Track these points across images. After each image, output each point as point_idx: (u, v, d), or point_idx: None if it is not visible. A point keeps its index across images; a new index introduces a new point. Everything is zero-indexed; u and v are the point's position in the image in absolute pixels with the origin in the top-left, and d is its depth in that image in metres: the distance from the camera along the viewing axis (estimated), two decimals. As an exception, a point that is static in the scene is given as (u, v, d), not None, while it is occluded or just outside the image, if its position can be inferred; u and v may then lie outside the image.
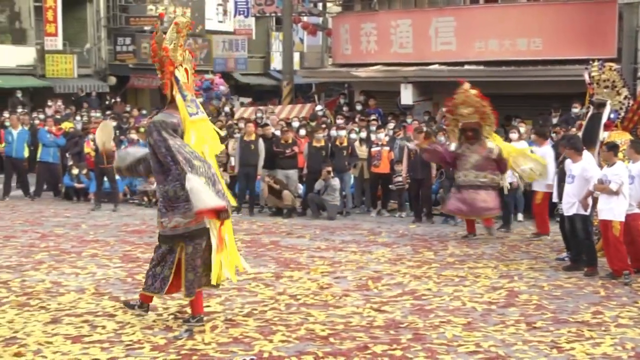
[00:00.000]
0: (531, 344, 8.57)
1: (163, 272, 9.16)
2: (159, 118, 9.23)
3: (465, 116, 14.69)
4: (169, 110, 9.24)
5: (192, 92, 9.45)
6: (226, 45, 42.86)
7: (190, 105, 9.21)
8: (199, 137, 9.18)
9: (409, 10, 24.02)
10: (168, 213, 9.09)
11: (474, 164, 14.56)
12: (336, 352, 8.27)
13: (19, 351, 8.31)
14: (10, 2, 34.29)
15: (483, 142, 14.66)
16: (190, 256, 9.05)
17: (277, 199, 17.73)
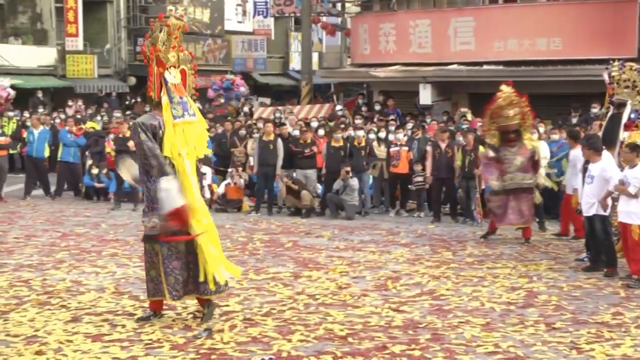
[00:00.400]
0: (550, 344, 8.52)
1: (159, 276, 9.22)
2: (141, 120, 9.33)
3: (510, 118, 14.27)
4: (155, 111, 9.32)
5: (184, 93, 9.41)
6: (245, 45, 42.97)
7: (176, 108, 9.19)
8: (180, 140, 9.16)
9: (427, 10, 23.98)
10: (149, 213, 9.19)
11: (519, 166, 14.21)
12: (355, 352, 8.25)
13: (40, 349, 8.35)
14: (31, 4, 34.53)
15: (523, 143, 14.39)
16: (166, 258, 9.10)
17: (295, 199, 17.74)
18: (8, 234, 15.13)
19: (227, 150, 19.93)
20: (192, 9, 39.31)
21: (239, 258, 13.06)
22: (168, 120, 9.12)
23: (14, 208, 18.62)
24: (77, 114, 26.01)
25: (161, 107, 9.19)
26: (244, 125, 21.02)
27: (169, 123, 9.11)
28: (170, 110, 9.14)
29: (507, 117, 14.29)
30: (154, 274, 9.24)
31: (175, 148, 9.09)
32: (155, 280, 9.24)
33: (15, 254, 13.32)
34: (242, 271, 9.88)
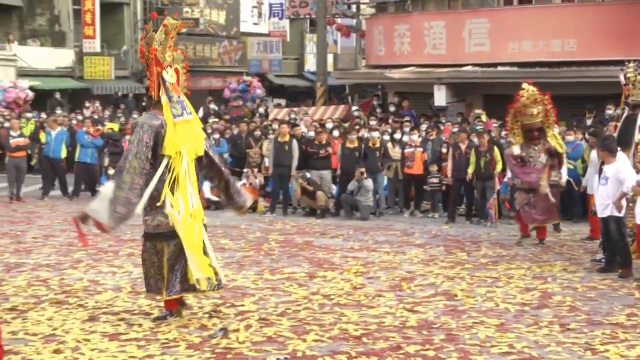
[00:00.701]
0: (565, 345, 8.49)
1: (157, 274, 9.30)
2: (143, 119, 9.39)
3: (534, 116, 14.14)
4: (155, 111, 9.35)
5: (179, 92, 9.48)
6: (261, 46, 43.04)
7: (176, 107, 9.26)
8: (181, 138, 9.21)
9: (442, 12, 23.93)
10: (152, 212, 9.22)
11: (545, 163, 14.12)
12: (369, 351, 8.25)
13: (57, 348, 8.39)
14: (50, 6, 34.72)
15: (547, 141, 14.27)
16: (171, 255, 9.17)
17: (310, 199, 17.75)
18: (26, 234, 15.22)
19: (243, 151, 19.97)
20: (208, 11, 39.41)
21: (254, 258, 13.09)
22: (169, 119, 9.18)
23: (33, 208, 18.72)
24: (94, 115, 26.13)
25: (161, 107, 9.26)
26: (259, 126, 21.04)
27: (169, 122, 9.18)
28: (170, 109, 9.21)
29: (531, 115, 14.16)
30: (153, 272, 9.31)
31: (176, 146, 9.15)
32: (155, 277, 9.32)
33: (34, 253, 13.39)
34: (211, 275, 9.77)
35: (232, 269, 12.25)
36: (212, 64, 40.50)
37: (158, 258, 9.29)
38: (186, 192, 9.20)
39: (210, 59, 40.27)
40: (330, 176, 18.16)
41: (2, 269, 12.07)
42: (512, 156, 14.42)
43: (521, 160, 14.27)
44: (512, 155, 14.42)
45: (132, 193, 9.00)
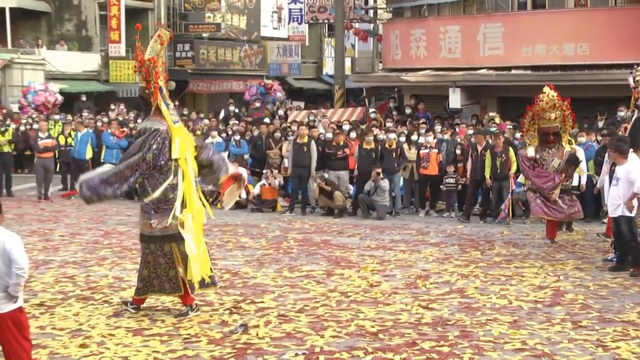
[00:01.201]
0: (577, 342, 8.45)
1: (168, 273, 9.33)
2: (149, 125, 9.41)
3: (552, 120, 14.01)
4: (155, 117, 9.41)
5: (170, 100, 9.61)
6: (280, 50, 43.10)
7: (173, 114, 9.42)
8: (183, 144, 9.30)
9: (457, 17, 23.87)
10: (157, 215, 9.27)
11: (556, 168, 13.96)
12: (385, 347, 8.25)
13: (84, 342, 8.44)
14: (77, 12, 34.93)
15: (562, 145, 14.15)
16: (182, 254, 9.25)
17: (328, 199, 17.76)
18: (54, 232, 15.31)
19: (263, 152, 20.01)
20: (229, 16, 39.48)
21: (274, 256, 13.11)
22: (171, 125, 9.30)
23: (60, 207, 18.83)
24: (119, 117, 26.24)
25: (160, 113, 9.35)
26: (279, 128, 21.06)
27: (172, 128, 9.30)
28: (170, 116, 9.34)
29: (549, 120, 14.04)
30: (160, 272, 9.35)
31: (184, 150, 9.27)
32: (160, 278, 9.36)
33: (61, 251, 13.47)
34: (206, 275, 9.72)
35: (252, 266, 12.28)
36: (233, 67, 40.58)
37: (166, 260, 9.33)
38: (194, 194, 9.33)
39: (231, 62, 40.35)
40: (347, 176, 18.15)
41: (31, 266, 12.11)
42: (526, 158, 14.30)
43: (534, 162, 14.18)
44: (526, 157, 14.30)
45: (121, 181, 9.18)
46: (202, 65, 38.23)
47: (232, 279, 11.42)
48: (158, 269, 9.34)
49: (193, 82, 38.36)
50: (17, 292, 6.70)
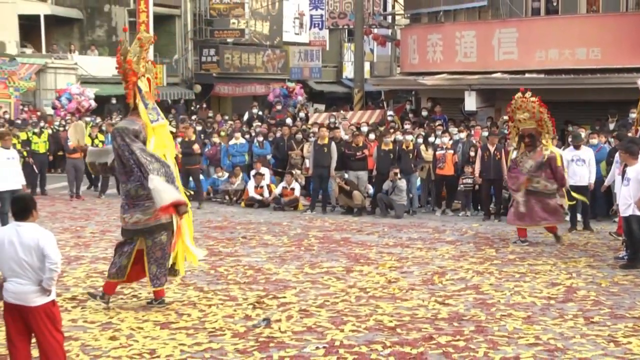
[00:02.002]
0: (589, 337, 8.40)
1: (121, 261, 9.44)
2: (123, 125, 9.56)
3: (522, 122, 13.99)
4: (132, 117, 9.54)
5: (153, 100, 9.66)
6: (302, 55, 43.09)
7: (152, 113, 9.47)
8: (159, 142, 9.39)
9: (473, 22, 23.77)
10: (130, 210, 9.38)
11: (528, 169, 13.82)
12: (403, 341, 8.23)
13: (113, 335, 8.48)
14: (108, 18, 35.10)
15: (540, 149, 13.97)
16: (150, 249, 9.33)
17: (348, 198, 17.74)
18: (85, 229, 15.40)
19: (285, 153, 20.01)
20: (253, 22, 39.52)
21: (295, 253, 13.11)
22: (147, 124, 9.37)
23: (91, 205, 18.93)
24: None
25: (137, 113, 9.45)
26: (300, 129, 21.07)
27: (149, 126, 9.36)
28: (147, 115, 9.39)
29: (519, 121, 14.05)
30: (117, 259, 9.48)
31: (162, 148, 9.36)
32: (116, 265, 9.48)
33: (92, 247, 13.55)
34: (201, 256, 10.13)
35: (274, 263, 12.29)
36: (256, 71, 40.63)
37: (129, 250, 9.44)
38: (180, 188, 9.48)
39: (254, 66, 40.39)
40: (366, 176, 18.13)
41: (63, 262, 12.14)
42: (510, 159, 14.50)
43: (514, 164, 14.16)
44: (510, 159, 14.51)
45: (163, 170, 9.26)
46: (226, 69, 38.29)
47: (255, 275, 11.43)
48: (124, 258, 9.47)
49: (218, 86, 38.43)
50: (50, 286, 6.75)
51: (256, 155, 20.14)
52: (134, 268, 9.50)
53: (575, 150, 15.28)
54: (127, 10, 34.88)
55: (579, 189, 14.99)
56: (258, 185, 19.00)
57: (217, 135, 21.30)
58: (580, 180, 15.06)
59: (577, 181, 15.03)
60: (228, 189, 19.51)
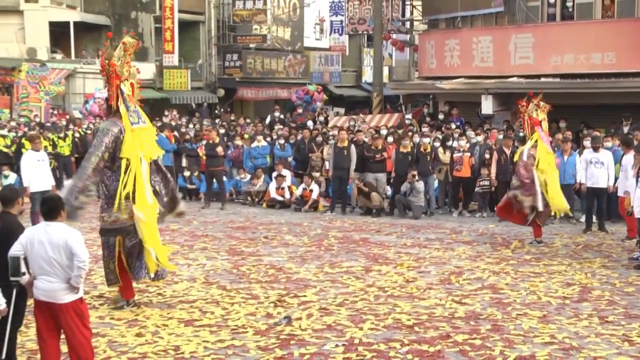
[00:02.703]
0: (603, 336, 8.35)
1: (109, 266, 9.51)
2: (104, 125, 9.64)
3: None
4: (114, 118, 9.59)
5: (135, 103, 9.71)
6: (322, 60, 43.11)
7: (132, 115, 9.52)
8: (137, 144, 9.42)
9: (489, 28, 23.65)
10: (108, 209, 9.40)
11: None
12: (420, 340, 8.21)
13: (139, 332, 8.52)
14: (134, 25, 35.28)
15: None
16: (128, 248, 9.38)
17: (367, 199, 17.71)
18: (112, 229, 15.44)
19: (306, 155, 20.02)
20: (275, 28, 39.60)
21: (316, 253, 13.11)
22: (127, 126, 9.43)
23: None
24: (172, 122, 26.42)
25: (119, 115, 9.52)
26: (320, 132, 21.07)
27: (128, 129, 9.42)
28: (128, 117, 9.45)
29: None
30: (112, 266, 9.49)
31: (135, 150, 9.37)
32: (114, 272, 9.49)
33: (118, 246, 13.58)
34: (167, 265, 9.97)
35: (295, 262, 12.29)
36: (278, 76, 40.68)
37: (108, 252, 9.46)
38: (145, 190, 9.41)
39: (276, 71, 40.44)
40: (385, 178, 18.09)
41: (91, 260, 12.22)
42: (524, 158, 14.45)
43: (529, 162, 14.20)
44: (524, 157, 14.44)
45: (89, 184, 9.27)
46: (249, 74, 38.38)
47: (276, 274, 11.44)
48: (111, 262, 9.50)
49: (241, 90, 38.52)
50: (79, 283, 6.79)
51: (277, 157, 20.16)
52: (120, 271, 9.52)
53: (594, 153, 15.14)
54: (153, 17, 35.06)
55: (597, 191, 14.90)
56: (279, 186, 19.03)
57: (240, 138, 21.35)
58: (597, 182, 14.93)
59: (595, 183, 14.92)
60: (250, 190, 19.55)
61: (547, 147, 13.87)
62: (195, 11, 37.05)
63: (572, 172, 16.08)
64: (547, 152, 13.80)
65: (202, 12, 37.72)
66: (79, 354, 6.85)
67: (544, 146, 13.77)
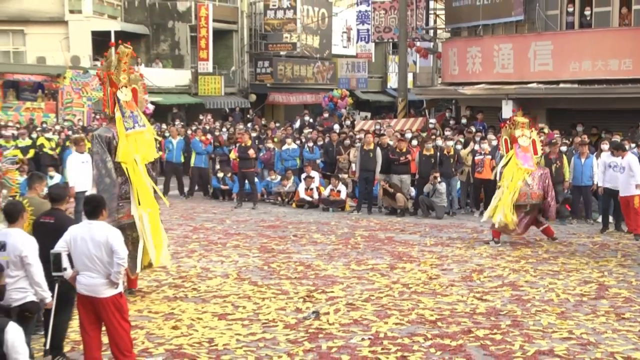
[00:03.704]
0: (620, 332, 8.26)
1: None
2: (98, 132, 9.78)
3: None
4: (109, 125, 9.76)
5: (134, 108, 9.77)
6: (349, 66, 43.08)
7: (127, 121, 9.60)
8: (133, 148, 9.53)
9: (510, 36, 23.49)
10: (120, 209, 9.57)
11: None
12: (443, 334, 8.18)
13: (175, 325, 8.57)
14: (171, 34, 35.52)
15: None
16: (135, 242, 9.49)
17: (391, 200, 17.67)
18: (149, 227, 15.54)
19: (333, 158, 20.02)
20: (304, 36, 39.60)
21: (343, 251, 13.11)
22: (121, 131, 9.52)
23: (155, 205, 19.09)
24: (207, 126, 26.54)
25: (114, 121, 9.61)
26: (347, 136, 21.05)
27: (122, 134, 9.52)
28: (123, 123, 9.55)
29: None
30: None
31: (128, 154, 9.49)
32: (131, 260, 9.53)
33: (155, 244, 13.67)
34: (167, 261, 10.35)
35: (323, 260, 12.30)
36: (307, 82, 40.71)
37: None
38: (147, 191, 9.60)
39: (305, 77, 40.48)
40: (409, 180, 18.03)
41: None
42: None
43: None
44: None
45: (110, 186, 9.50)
46: (279, 80, 38.45)
47: (305, 270, 11.45)
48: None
49: (272, 95, 38.61)
50: (118, 279, 6.85)
51: (306, 159, 20.17)
52: None
53: (613, 157, 14.90)
54: (189, 26, 35.24)
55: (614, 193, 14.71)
56: (308, 187, 19.04)
57: (271, 141, 21.40)
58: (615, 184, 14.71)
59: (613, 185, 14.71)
60: (280, 191, 19.58)
61: (520, 163, 13.68)
62: (228, 20, 37.19)
63: (590, 174, 15.94)
64: (517, 168, 13.65)
65: (235, 22, 37.85)
66: (119, 345, 6.91)
67: (516, 162, 13.66)
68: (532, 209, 13.69)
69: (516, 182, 13.50)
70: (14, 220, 6.91)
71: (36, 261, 6.80)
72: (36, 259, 6.81)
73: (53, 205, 7.68)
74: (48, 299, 6.95)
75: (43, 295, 6.85)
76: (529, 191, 13.55)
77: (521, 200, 13.47)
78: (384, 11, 32.80)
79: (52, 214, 7.57)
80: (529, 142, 13.87)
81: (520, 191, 13.46)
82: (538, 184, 13.65)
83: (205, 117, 29.48)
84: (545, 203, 13.77)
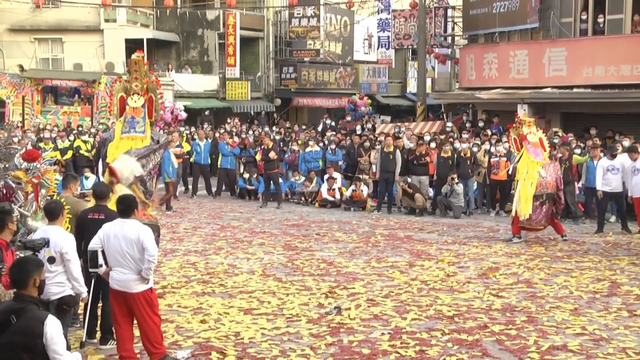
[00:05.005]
0: (632, 329, 8.17)
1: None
2: (104, 135, 10.07)
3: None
4: (113, 128, 9.97)
5: (140, 114, 9.65)
6: (370, 72, 43.04)
7: (126, 125, 9.58)
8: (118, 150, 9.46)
9: (525, 42, 23.34)
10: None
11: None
12: (460, 329, 8.13)
13: (203, 319, 8.60)
14: (200, 41, 35.69)
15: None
16: None
17: (410, 200, 17.61)
18: (179, 226, 15.64)
19: (355, 159, 19.99)
20: (327, 43, 39.59)
21: (363, 249, 13.08)
22: (117, 135, 9.57)
23: (184, 205, 19.22)
24: (234, 129, 26.62)
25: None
26: (368, 138, 21.01)
27: (117, 137, 9.57)
28: (121, 127, 9.58)
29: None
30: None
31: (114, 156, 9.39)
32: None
33: (185, 241, 13.75)
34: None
35: (345, 257, 12.28)
36: (330, 86, 40.72)
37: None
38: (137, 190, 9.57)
39: (328, 82, 40.49)
40: (427, 181, 17.98)
41: (160, 254, 12.41)
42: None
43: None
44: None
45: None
46: (303, 85, 38.49)
47: (327, 267, 11.44)
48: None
49: (296, 99, 38.66)
50: (149, 275, 6.88)
51: (329, 161, 20.16)
52: None
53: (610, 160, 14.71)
54: (218, 34, 35.37)
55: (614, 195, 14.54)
56: (330, 187, 19.03)
57: (295, 143, 21.41)
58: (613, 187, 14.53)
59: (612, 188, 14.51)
60: (304, 191, 19.58)
61: (532, 157, 13.57)
62: (255, 28, 37.29)
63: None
64: (530, 162, 13.55)
65: (262, 30, 37.96)
66: (150, 337, 6.94)
67: (528, 156, 13.57)
68: (547, 199, 13.59)
69: (532, 174, 13.46)
70: (54, 218, 6.99)
71: (75, 257, 6.87)
72: (75, 255, 6.89)
73: (97, 202, 7.93)
74: (84, 294, 7.00)
75: (80, 290, 6.92)
76: (544, 182, 13.51)
77: (537, 190, 13.43)
78: (403, 19, 32.71)
79: (101, 210, 7.80)
80: (537, 139, 13.82)
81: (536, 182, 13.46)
82: (551, 174, 13.66)
83: (232, 120, 29.55)
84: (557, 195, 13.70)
